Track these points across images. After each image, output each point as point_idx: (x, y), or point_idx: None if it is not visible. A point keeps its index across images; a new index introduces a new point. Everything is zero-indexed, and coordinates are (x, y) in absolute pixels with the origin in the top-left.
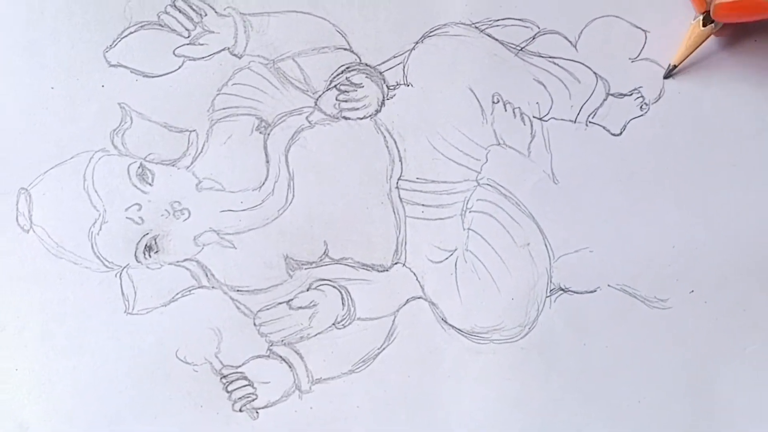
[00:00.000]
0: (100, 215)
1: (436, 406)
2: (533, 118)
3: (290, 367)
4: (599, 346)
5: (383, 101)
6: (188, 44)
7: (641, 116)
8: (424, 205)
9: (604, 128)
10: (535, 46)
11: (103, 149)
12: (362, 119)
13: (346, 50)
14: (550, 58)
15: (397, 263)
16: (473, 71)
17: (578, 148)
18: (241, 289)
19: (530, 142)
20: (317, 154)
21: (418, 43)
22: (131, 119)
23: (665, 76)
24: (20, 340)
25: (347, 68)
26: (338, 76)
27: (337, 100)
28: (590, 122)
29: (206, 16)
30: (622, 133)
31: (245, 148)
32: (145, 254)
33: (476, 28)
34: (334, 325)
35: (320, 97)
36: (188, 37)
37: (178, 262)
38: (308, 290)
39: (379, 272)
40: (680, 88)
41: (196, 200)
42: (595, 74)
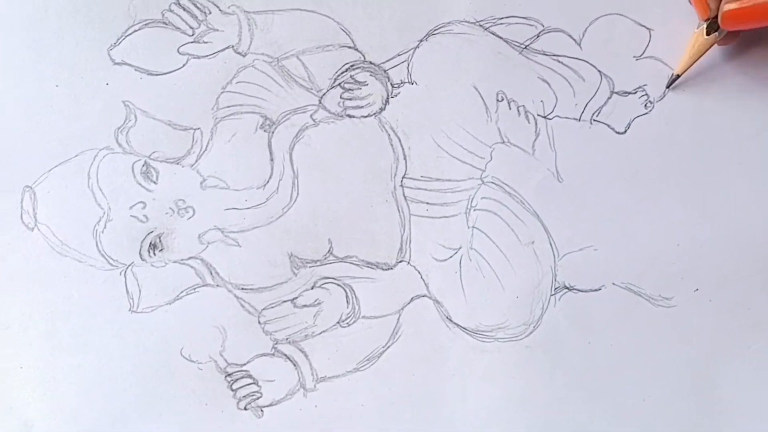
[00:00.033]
0: (104, 213)
1: (440, 404)
2: (538, 116)
3: (295, 365)
4: (604, 344)
5: (387, 99)
6: (192, 42)
7: (646, 114)
8: (428, 203)
9: (608, 126)
10: (539, 44)
11: (107, 147)
12: (366, 117)
13: (350, 48)
14: (554, 56)
15: (401, 261)
16: (477, 69)
17: (583, 146)
18: (245, 287)
19: (535, 140)
20: (321, 152)
21: (422, 41)
22: (135, 117)
23: (668, 85)
24: (25, 338)
25: (351, 66)
26: (342, 74)
27: (341, 98)
28: (594, 120)
29: (210, 14)
30: (626, 131)
31: (249, 146)
32: (149, 252)
33: (480, 26)
34: (338, 323)
35: (324, 95)
36: (192, 35)
37: (182, 260)
38: (313, 288)
39: (383, 270)
40: (685, 86)
41: (200, 198)
42: (599, 72)
